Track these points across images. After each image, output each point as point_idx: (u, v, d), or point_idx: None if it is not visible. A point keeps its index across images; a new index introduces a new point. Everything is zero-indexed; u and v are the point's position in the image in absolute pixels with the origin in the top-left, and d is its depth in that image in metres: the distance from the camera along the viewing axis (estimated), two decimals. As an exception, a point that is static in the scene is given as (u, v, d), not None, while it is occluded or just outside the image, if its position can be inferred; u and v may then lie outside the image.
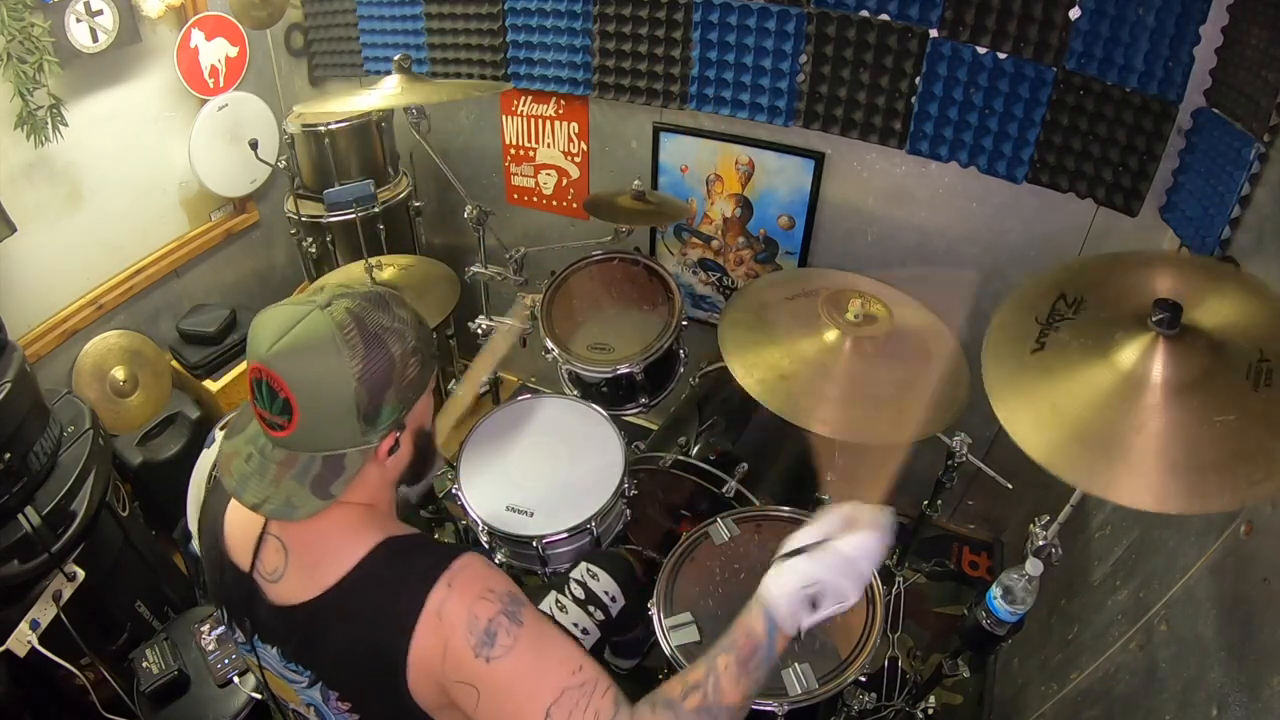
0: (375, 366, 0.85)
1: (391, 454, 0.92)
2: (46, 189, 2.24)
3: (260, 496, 0.86)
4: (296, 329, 0.83)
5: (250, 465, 0.89)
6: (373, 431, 0.88)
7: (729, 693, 0.87)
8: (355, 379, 0.83)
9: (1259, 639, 1.12)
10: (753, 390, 1.57)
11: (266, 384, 0.83)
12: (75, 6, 2.08)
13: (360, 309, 0.86)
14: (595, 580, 1.65)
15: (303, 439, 0.86)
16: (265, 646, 0.99)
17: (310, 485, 0.86)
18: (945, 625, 2.36)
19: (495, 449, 1.79)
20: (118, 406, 2.46)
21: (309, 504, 0.86)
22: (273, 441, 0.88)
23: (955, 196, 2.10)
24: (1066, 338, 1.10)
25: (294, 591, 0.93)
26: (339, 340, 0.83)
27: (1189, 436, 0.96)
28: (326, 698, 0.95)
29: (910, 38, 1.91)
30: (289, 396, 0.83)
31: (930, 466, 1.81)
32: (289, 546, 0.94)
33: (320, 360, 0.83)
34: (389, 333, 0.87)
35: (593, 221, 2.30)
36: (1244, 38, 1.52)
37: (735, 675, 0.88)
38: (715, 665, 0.89)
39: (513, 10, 2.42)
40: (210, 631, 1.79)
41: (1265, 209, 1.44)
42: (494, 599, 0.88)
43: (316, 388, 0.83)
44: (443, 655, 0.86)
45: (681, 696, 0.87)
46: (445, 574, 0.88)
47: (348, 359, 0.83)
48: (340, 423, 0.85)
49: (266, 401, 0.85)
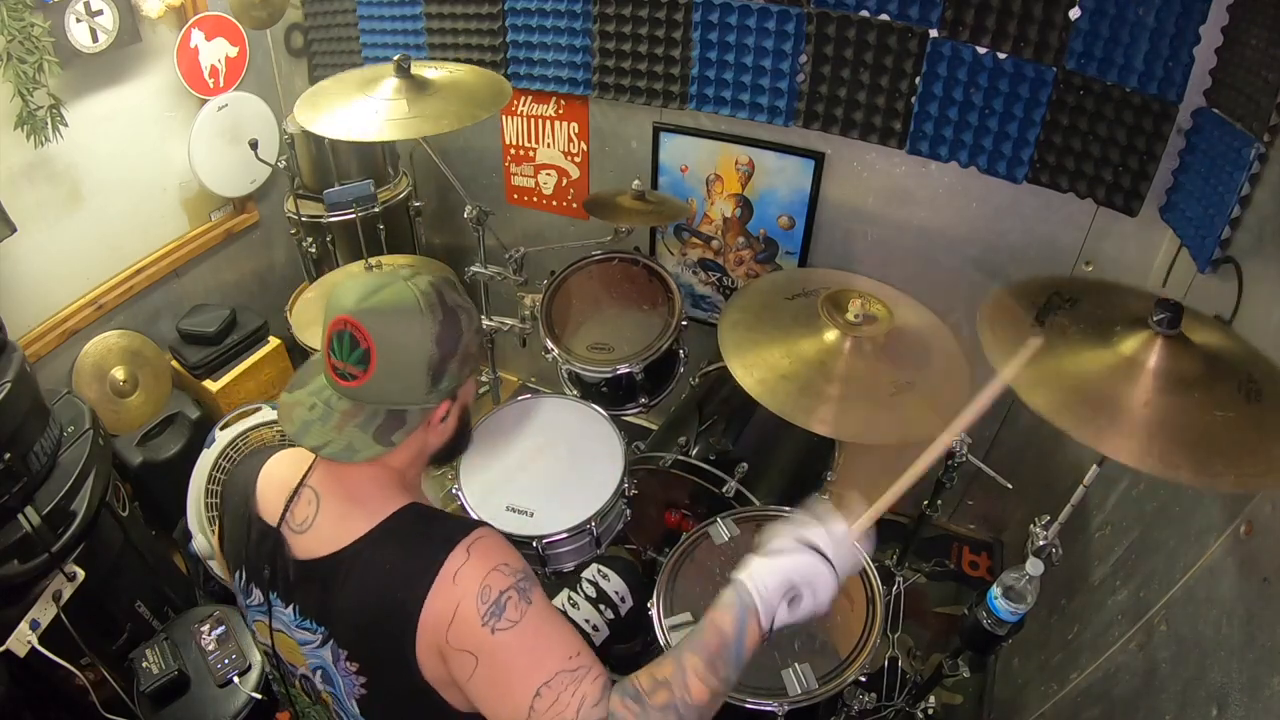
0: (448, 334, 0.94)
1: (443, 422, 1.00)
2: (46, 189, 2.23)
3: (322, 440, 0.93)
4: (384, 292, 0.92)
5: (314, 413, 0.95)
6: (434, 393, 0.95)
7: (695, 690, 0.88)
8: (432, 341, 0.92)
9: (1259, 639, 1.12)
10: (753, 390, 1.57)
11: (350, 334, 0.91)
12: (75, 6, 2.08)
13: (440, 284, 0.96)
14: (606, 580, 1.66)
15: (372, 390, 0.93)
16: (280, 605, 1.01)
17: (374, 433, 0.93)
18: (945, 625, 2.36)
19: (495, 449, 1.79)
20: (118, 406, 2.47)
21: (370, 448, 0.93)
22: (341, 392, 0.95)
23: (955, 196, 2.10)
24: (1065, 322, 1.12)
25: (319, 543, 0.97)
26: (423, 306, 0.92)
27: (1192, 420, 0.98)
28: (336, 658, 0.98)
29: (910, 38, 1.91)
30: (370, 347, 0.90)
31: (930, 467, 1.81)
32: (322, 496, 1.00)
33: (404, 319, 0.91)
34: (461, 309, 0.96)
35: (593, 221, 2.30)
36: (1244, 38, 1.52)
37: (703, 673, 0.88)
38: (683, 663, 0.89)
39: (513, 10, 2.42)
40: (210, 631, 1.79)
41: (1265, 209, 1.44)
42: (508, 572, 0.92)
43: (397, 343, 0.91)
44: (450, 619, 0.89)
45: (650, 690, 0.88)
46: (465, 540, 0.93)
47: (429, 323, 0.92)
48: (410, 379, 0.93)
49: (346, 351, 0.92)
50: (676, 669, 0.89)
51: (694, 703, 0.88)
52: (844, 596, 1.53)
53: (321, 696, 1.04)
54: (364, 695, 0.98)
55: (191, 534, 1.99)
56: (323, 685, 1.02)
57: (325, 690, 1.02)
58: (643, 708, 0.87)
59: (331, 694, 1.02)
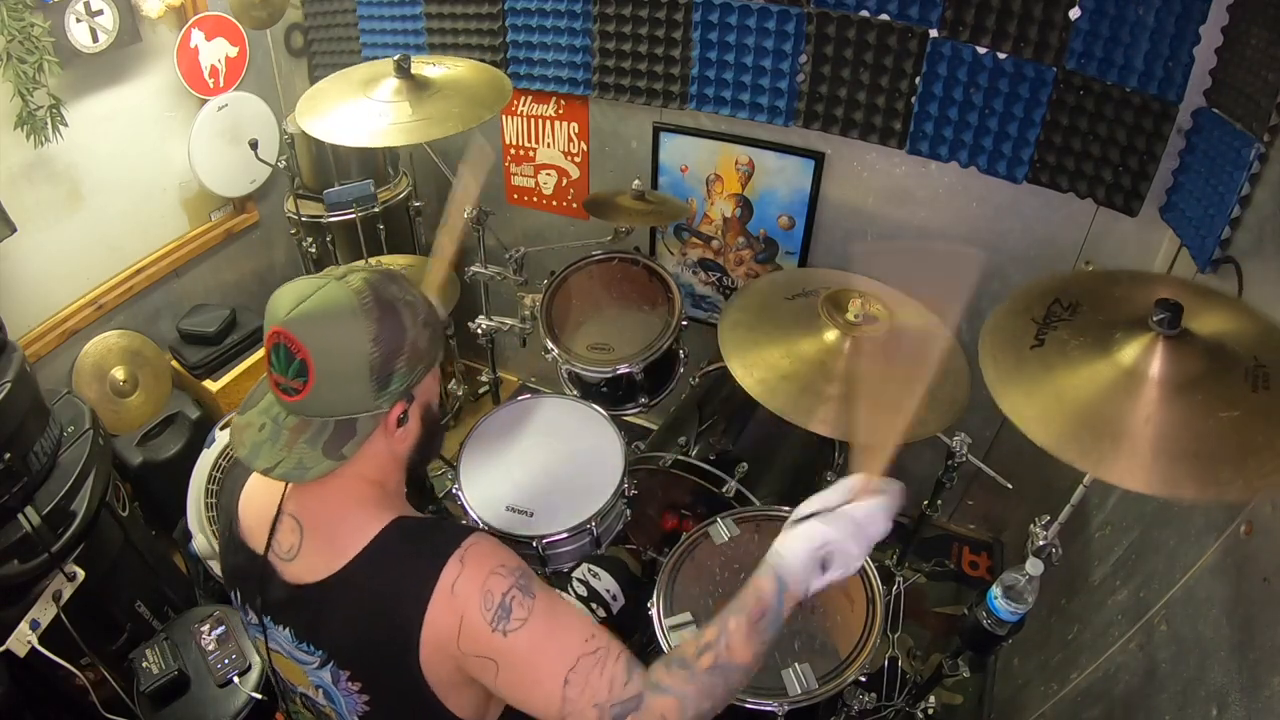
0: (389, 333, 0.88)
1: (400, 425, 0.95)
2: (46, 189, 2.23)
3: (273, 461, 0.89)
4: (315, 296, 0.87)
5: (263, 434, 0.91)
6: (384, 396, 0.90)
7: (740, 651, 0.90)
8: (370, 341, 0.87)
9: (1259, 639, 1.12)
10: (753, 390, 1.57)
11: (284, 347, 0.86)
12: (75, 6, 2.08)
13: (375, 280, 0.90)
14: (597, 579, 1.65)
15: (316, 402, 0.88)
16: (277, 628, 1.00)
17: (323, 447, 0.89)
18: (945, 625, 2.36)
19: (495, 449, 1.79)
20: (118, 406, 2.46)
21: (320, 464, 0.88)
22: (286, 408, 0.91)
23: (955, 196, 2.10)
24: (1065, 336, 1.11)
25: (308, 570, 0.95)
26: (356, 306, 0.87)
27: (1194, 428, 0.97)
28: (336, 678, 0.97)
29: (910, 38, 1.91)
30: (306, 358, 0.86)
31: (930, 466, 1.81)
32: (304, 524, 0.97)
33: (337, 324, 0.87)
34: (402, 303, 0.91)
35: (593, 221, 2.30)
36: (1244, 38, 1.52)
37: (746, 634, 0.90)
38: (727, 626, 0.91)
39: (513, 10, 2.42)
40: (210, 631, 1.79)
41: (1265, 209, 1.44)
42: (506, 574, 0.91)
43: (333, 349, 0.87)
44: (458, 631, 0.88)
45: (695, 655, 0.90)
46: (457, 551, 0.91)
47: (364, 323, 0.87)
48: (353, 385, 0.88)
49: (284, 365, 0.87)
50: (721, 632, 0.91)
51: (739, 663, 0.90)
52: (844, 596, 1.53)
53: (324, 712, 1.04)
54: (367, 711, 0.97)
55: (191, 534, 1.99)
56: (324, 703, 1.02)
57: (327, 707, 1.02)
58: (690, 672, 0.89)
59: (334, 710, 1.01)
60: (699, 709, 0.89)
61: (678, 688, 0.88)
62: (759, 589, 0.92)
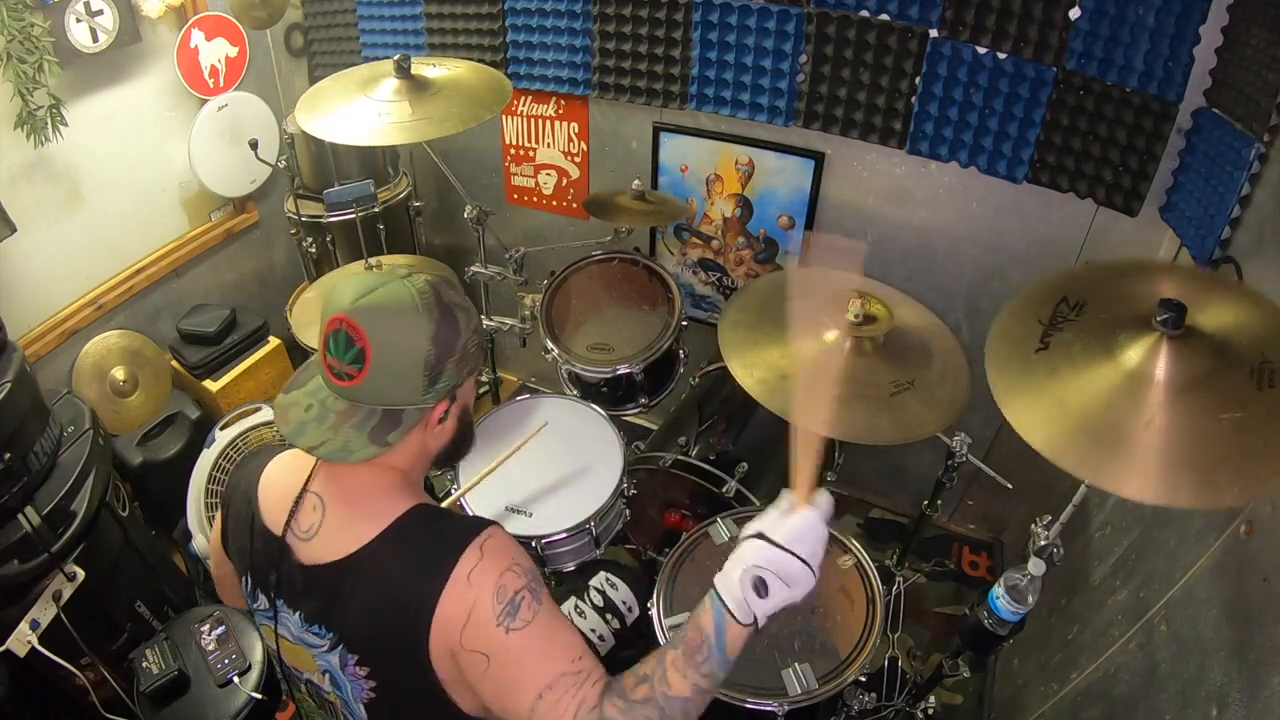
0: (445, 334, 0.92)
1: (440, 423, 0.98)
2: (46, 189, 2.23)
3: (318, 440, 0.92)
4: (380, 290, 0.91)
5: (310, 414, 0.94)
6: (431, 393, 0.93)
7: (676, 684, 0.89)
8: (428, 340, 0.91)
9: (1259, 639, 1.12)
10: (753, 390, 1.57)
11: (345, 333, 0.89)
12: (75, 6, 2.08)
13: (438, 283, 0.94)
14: (614, 590, 1.66)
15: (368, 390, 0.91)
16: (288, 611, 1.01)
17: (369, 433, 0.92)
18: (945, 625, 2.36)
19: (495, 449, 1.79)
20: (118, 406, 2.46)
21: (365, 449, 0.91)
22: (336, 392, 0.94)
23: (955, 196, 2.10)
24: (1070, 338, 1.10)
25: (326, 549, 0.97)
26: (419, 305, 0.91)
27: (1196, 432, 0.96)
28: (345, 663, 0.97)
29: (910, 38, 1.91)
30: (365, 346, 0.89)
31: (930, 466, 1.81)
32: (327, 502, 0.99)
33: (399, 318, 0.90)
34: (459, 308, 0.95)
35: (593, 221, 2.30)
36: (1244, 38, 1.52)
37: (682, 668, 0.90)
38: (664, 658, 0.91)
39: (513, 10, 2.42)
40: (210, 631, 1.78)
41: (1265, 209, 1.44)
42: (521, 572, 0.92)
43: (392, 342, 0.90)
44: (465, 620, 0.89)
45: (633, 687, 0.90)
46: (477, 539, 0.93)
47: (424, 321, 0.91)
48: (406, 379, 0.91)
49: (341, 351, 0.90)
50: (657, 665, 0.91)
51: (674, 695, 0.89)
52: (844, 596, 1.53)
53: (328, 700, 1.04)
54: (373, 699, 0.98)
55: (191, 534, 1.99)
56: (330, 689, 1.02)
57: (333, 693, 1.02)
58: (626, 704, 0.88)
59: (339, 697, 1.01)
60: None
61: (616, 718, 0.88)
62: (698, 621, 0.91)
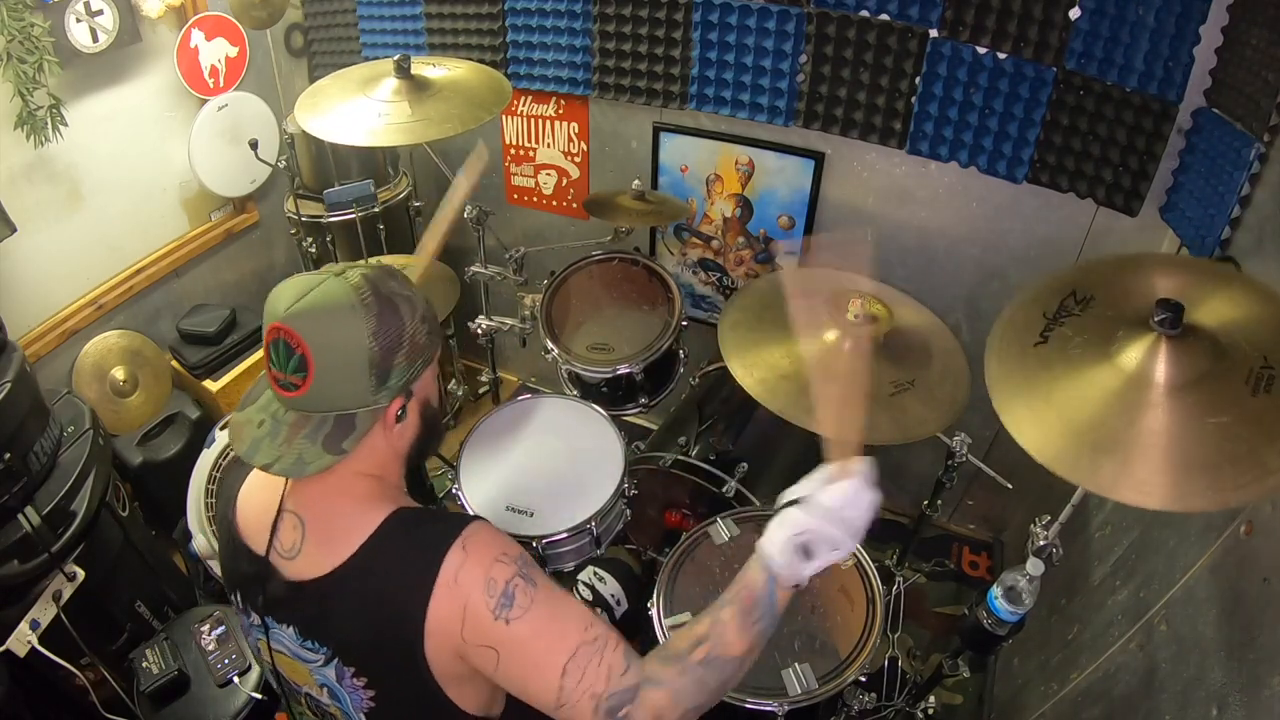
0: (388, 327, 0.89)
1: (399, 421, 0.95)
2: (46, 189, 2.23)
3: (272, 456, 0.89)
4: (314, 292, 0.87)
5: (262, 430, 0.91)
6: (383, 391, 0.91)
7: (733, 643, 0.90)
8: (369, 336, 0.87)
9: (1259, 639, 1.12)
10: (753, 390, 1.57)
11: (284, 342, 0.86)
12: (75, 6, 2.08)
13: (374, 276, 0.91)
14: (602, 583, 1.66)
15: (316, 398, 0.89)
16: (280, 627, 1.00)
17: (322, 442, 0.89)
18: (945, 625, 2.36)
19: (495, 449, 1.79)
20: (118, 406, 2.46)
21: (320, 459, 0.89)
22: (285, 404, 0.91)
23: (955, 196, 2.10)
24: (1070, 333, 1.09)
25: (311, 566, 0.95)
26: (355, 301, 0.87)
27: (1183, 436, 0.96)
28: (341, 675, 0.97)
29: (910, 38, 1.91)
30: (305, 353, 0.86)
31: (930, 466, 1.81)
32: (305, 521, 0.97)
33: (337, 318, 0.87)
34: (400, 298, 0.91)
35: (593, 221, 2.30)
36: (1244, 38, 1.52)
37: (739, 626, 0.91)
38: (720, 617, 0.92)
39: (513, 10, 2.42)
40: (210, 631, 1.79)
41: (1265, 209, 1.44)
42: (509, 561, 0.91)
43: (332, 344, 0.87)
44: (461, 619, 0.88)
45: (689, 648, 0.90)
46: (459, 539, 0.91)
47: (363, 318, 0.87)
48: (353, 380, 0.88)
49: (283, 360, 0.87)
50: (713, 624, 0.91)
51: (732, 655, 0.90)
52: (844, 596, 1.53)
53: (329, 712, 1.03)
54: (372, 708, 0.97)
55: (191, 534, 1.99)
56: (329, 702, 1.01)
57: (332, 706, 1.01)
58: (683, 665, 0.89)
59: (339, 709, 1.01)
60: (692, 702, 0.89)
61: (671, 680, 0.89)
62: (749, 580, 0.93)
